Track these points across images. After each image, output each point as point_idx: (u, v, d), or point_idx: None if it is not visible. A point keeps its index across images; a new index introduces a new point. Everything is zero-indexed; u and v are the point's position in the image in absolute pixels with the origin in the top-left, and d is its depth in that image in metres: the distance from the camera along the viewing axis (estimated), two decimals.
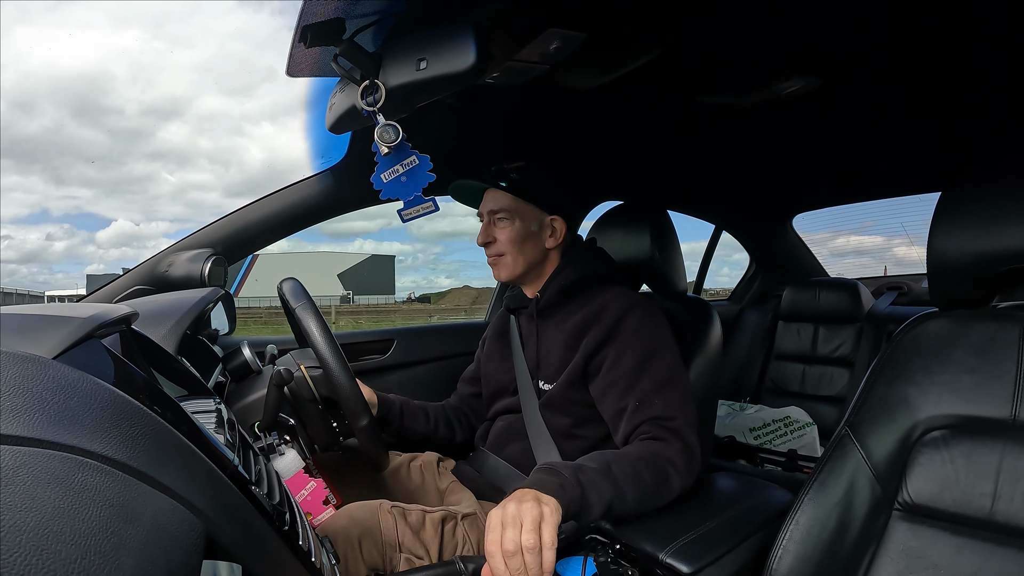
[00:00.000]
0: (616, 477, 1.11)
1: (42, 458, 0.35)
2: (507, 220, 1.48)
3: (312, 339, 1.24)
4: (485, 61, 0.96)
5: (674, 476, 1.18)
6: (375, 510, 1.25)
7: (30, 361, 0.43)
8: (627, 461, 1.15)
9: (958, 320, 1.06)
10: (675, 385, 1.30)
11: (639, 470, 1.14)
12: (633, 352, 1.32)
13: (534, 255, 1.50)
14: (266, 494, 0.65)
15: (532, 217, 1.49)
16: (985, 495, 0.92)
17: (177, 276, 1.66)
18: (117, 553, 0.33)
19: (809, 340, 3.09)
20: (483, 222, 1.53)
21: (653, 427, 1.24)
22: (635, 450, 1.21)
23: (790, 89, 1.54)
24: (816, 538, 1.01)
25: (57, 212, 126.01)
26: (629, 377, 1.30)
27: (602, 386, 1.34)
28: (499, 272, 1.53)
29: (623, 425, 1.29)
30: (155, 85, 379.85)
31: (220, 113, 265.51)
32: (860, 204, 3.05)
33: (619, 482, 1.10)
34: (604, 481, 1.09)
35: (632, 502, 1.12)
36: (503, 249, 1.49)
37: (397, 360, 2.26)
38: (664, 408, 1.25)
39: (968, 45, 1.31)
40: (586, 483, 1.05)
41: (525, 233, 1.48)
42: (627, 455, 1.18)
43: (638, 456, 1.18)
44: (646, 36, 1.25)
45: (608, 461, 1.13)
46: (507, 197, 1.48)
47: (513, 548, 0.89)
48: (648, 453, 1.19)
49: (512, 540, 0.90)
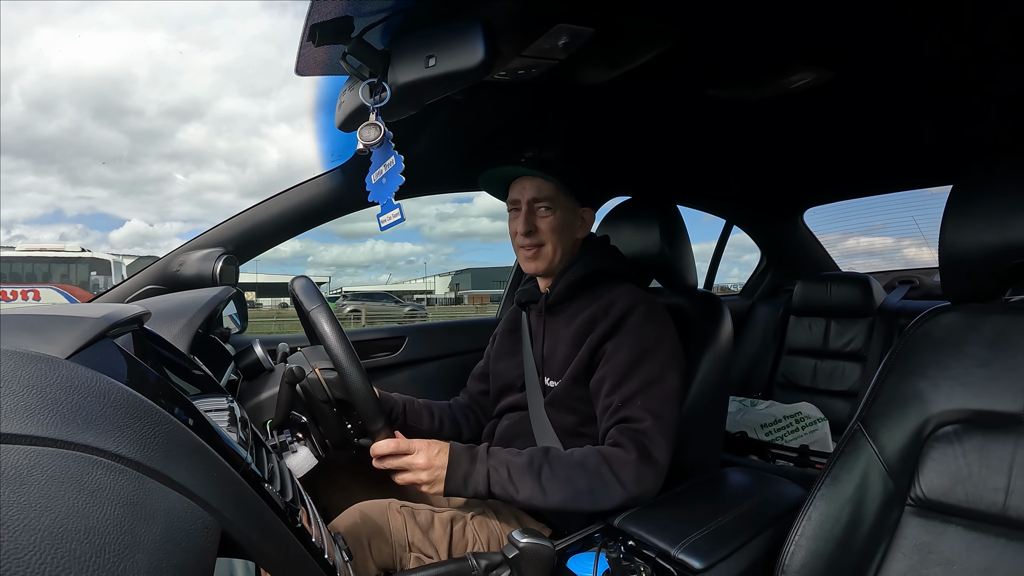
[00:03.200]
0: (542, 477, 1.22)
1: (56, 457, 0.35)
2: (549, 209, 1.44)
3: (327, 342, 1.24)
4: (493, 57, 0.96)
5: (615, 485, 1.22)
6: (385, 509, 1.25)
7: (43, 361, 0.43)
8: (565, 464, 1.25)
9: (970, 314, 1.05)
10: (661, 386, 1.30)
11: (574, 475, 1.23)
12: (630, 348, 1.32)
13: (569, 246, 1.49)
14: (279, 491, 0.65)
15: (570, 207, 1.47)
16: (998, 490, 0.92)
17: (189, 275, 1.67)
18: (131, 551, 0.33)
19: (821, 335, 3.07)
20: (519, 211, 1.48)
21: (618, 432, 1.27)
22: (582, 455, 1.27)
23: (800, 82, 1.53)
24: (828, 533, 1.01)
25: (71, 212, 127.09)
26: (620, 374, 1.31)
27: (596, 379, 1.35)
28: (537, 264, 1.48)
29: (603, 423, 1.32)
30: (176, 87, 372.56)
31: (239, 114, 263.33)
32: (870, 205, 3.04)
33: (543, 482, 1.22)
34: (525, 478, 1.23)
35: (557, 502, 1.22)
36: (545, 239, 1.45)
37: (408, 357, 2.27)
38: (639, 410, 1.27)
39: (979, 37, 1.30)
40: (494, 483, 1.24)
41: (565, 223, 1.46)
42: (570, 459, 1.26)
43: (581, 462, 1.25)
44: (654, 30, 1.24)
45: (544, 462, 1.25)
46: (550, 186, 1.44)
47: (395, 468, 1.26)
48: (594, 460, 1.25)
49: (402, 470, 1.26)
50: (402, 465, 1.24)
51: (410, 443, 1.25)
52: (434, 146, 1.78)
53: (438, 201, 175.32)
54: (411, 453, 1.24)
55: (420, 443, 1.26)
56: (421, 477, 1.23)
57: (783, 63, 1.45)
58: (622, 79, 1.43)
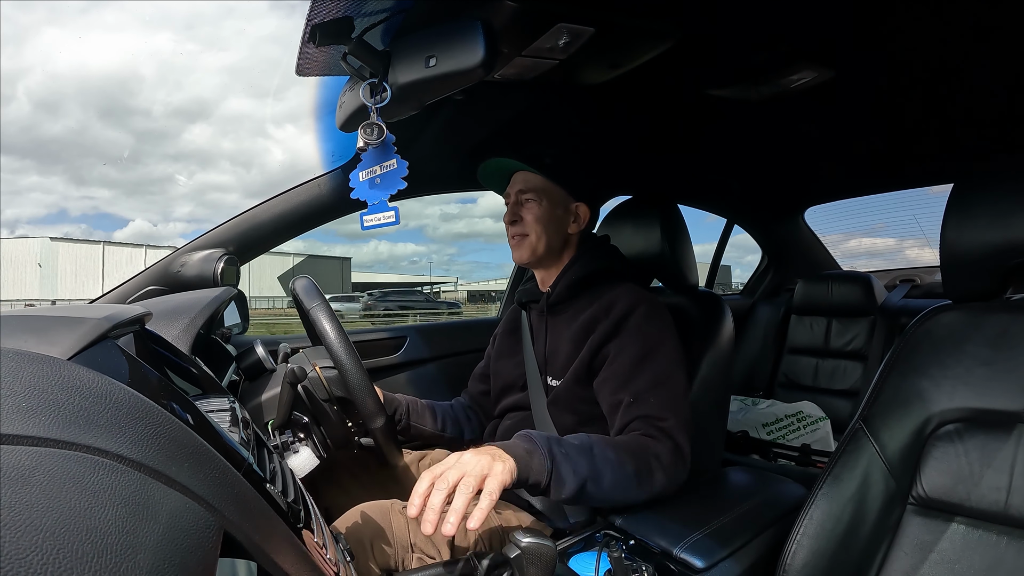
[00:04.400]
0: (596, 457, 1.12)
1: (58, 458, 0.35)
2: (535, 200, 1.48)
3: (328, 340, 1.24)
4: (494, 57, 0.96)
5: (658, 471, 1.18)
6: (387, 510, 1.25)
7: (45, 362, 0.43)
8: (612, 446, 1.17)
9: (971, 312, 1.05)
10: (671, 385, 1.30)
11: (622, 457, 1.15)
12: (633, 348, 1.32)
13: (556, 239, 1.50)
14: (281, 492, 0.65)
15: (559, 200, 1.49)
16: (1000, 488, 0.92)
17: (190, 276, 1.67)
18: (133, 551, 0.33)
19: (822, 334, 3.08)
20: (510, 202, 1.52)
21: (644, 424, 1.24)
22: (624, 439, 1.22)
23: (800, 81, 1.53)
24: (830, 532, 1.01)
25: (75, 212, 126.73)
26: (627, 372, 1.30)
27: (601, 379, 1.35)
28: (520, 253, 1.52)
29: (617, 419, 1.29)
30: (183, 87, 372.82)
31: (245, 115, 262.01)
32: (871, 206, 3.04)
33: (597, 463, 1.12)
34: (580, 457, 1.10)
35: (608, 486, 1.12)
36: (527, 229, 1.48)
37: (409, 358, 2.27)
38: (657, 408, 1.25)
39: (980, 35, 1.30)
40: (559, 455, 1.08)
41: (551, 215, 1.48)
42: (614, 441, 1.20)
43: (625, 444, 1.19)
44: (655, 30, 1.24)
45: (592, 442, 1.15)
46: (538, 178, 1.48)
47: (443, 486, 0.92)
48: (636, 444, 1.20)
49: (448, 479, 0.93)
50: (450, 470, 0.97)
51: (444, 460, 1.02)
52: (435, 146, 1.78)
53: (442, 202, 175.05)
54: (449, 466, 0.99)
55: (452, 455, 1.03)
56: (483, 462, 0.98)
57: (784, 62, 1.45)
58: (623, 78, 1.43)
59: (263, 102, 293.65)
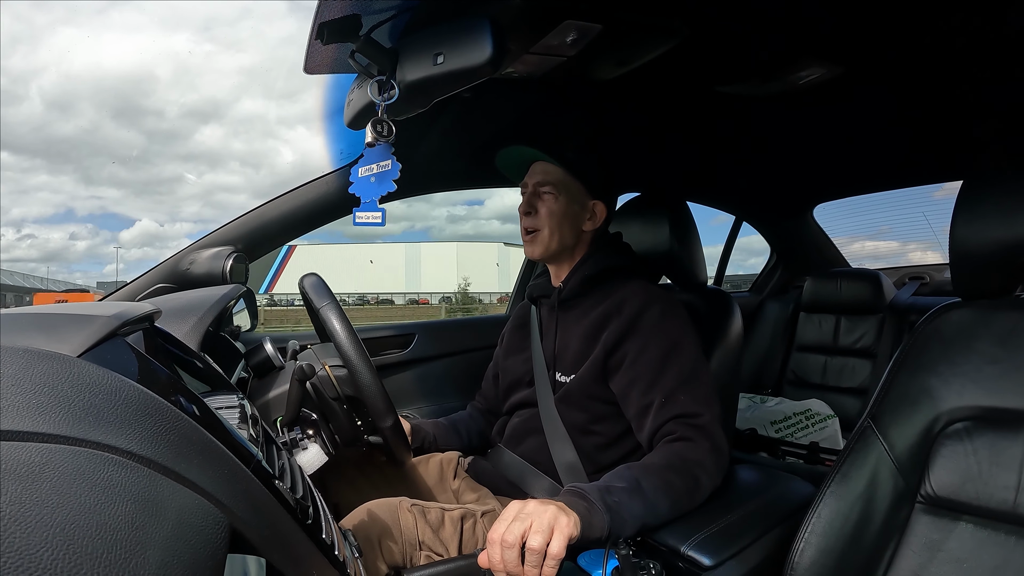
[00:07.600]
0: (646, 492, 1.10)
1: (68, 455, 0.36)
2: (552, 194, 1.45)
3: (337, 339, 1.24)
4: (501, 54, 0.96)
5: (704, 478, 1.17)
6: (395, 507, 1.26)
7: (55, 359, 0.43)
8: (656, 472, 1.14)
9: (981, 310, 1.04)
10: (699, 380, 1.28)
11: (669, 479, 1.13)
12: (656, 346, 1.30)
13: (569, 236, 1.48)
14: (290, 488, 0.65)
15: (577, 197, 1.47)
16: (1008, 487, 0.91)
17: (199, 273, 1.67)
18: (143, 547, 0.33)
19: (831, 331, 3.06)
20: (527, 192, 1.50)
21: (679, 426, 1.22)
22: (662, 458, 1.19)
23: (809, 78, 1.52)
24: (838, 531, 1.01)
25: (82, 212, 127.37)
26: (653, 372, 1.28)
27: (625, 382, 1.32)
28: (533, 248, 1.49)
29: (648, 422, 1.27)
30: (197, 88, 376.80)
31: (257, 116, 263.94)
32: (878, 205, 3.03)
33: (650, 497, 1.09)
34: (634, 500, 1.08)
35: (666, 512, 1.11)
36: (541, 224, 1.46)
37: (418, 355, 2.27)
38: (690, 404, 1.23)
39: (989, 31, 1.29)
40: (613, 505, 1.04)
41: (567, 211, 1.46)
42: (655, 465, 1.16)
43: (666, 464, 1.16)
44: (662, 26, 1.24)
45: (636, 477, 1.12)
46: (558, 171, 1.46)
47: (512, 540, 0.91)
48: (676, 459, 1.17)
49: (515, 534, 0.91)
50: (515, 522, 0.94)
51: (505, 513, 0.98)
52: (443, 143, 1.78)
53: (448, 203, 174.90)
54: (507, 518, 0.96)
55: (513, 505, 0.99)
56: (549, 513, 0.95)
57: (792, 58, 1.44)
58: (630, 75, 1.42)
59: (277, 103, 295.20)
